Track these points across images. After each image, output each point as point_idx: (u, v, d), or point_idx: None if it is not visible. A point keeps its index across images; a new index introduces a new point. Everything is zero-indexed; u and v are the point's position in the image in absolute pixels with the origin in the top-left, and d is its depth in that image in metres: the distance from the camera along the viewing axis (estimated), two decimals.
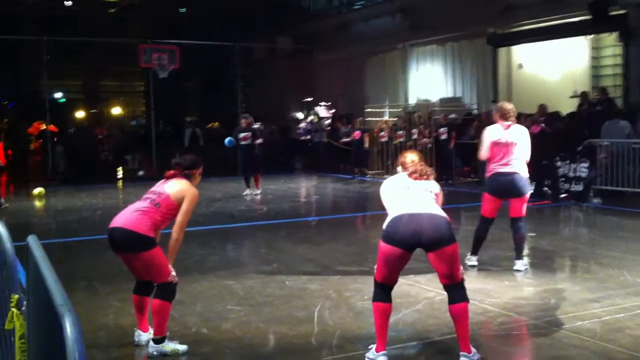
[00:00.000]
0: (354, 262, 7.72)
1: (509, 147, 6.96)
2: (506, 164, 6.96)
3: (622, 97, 15.88)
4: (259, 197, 14.44)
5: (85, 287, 6.73)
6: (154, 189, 5.02)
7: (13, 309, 3.20)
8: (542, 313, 5.62)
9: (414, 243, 4.36)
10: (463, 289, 4.47)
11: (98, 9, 28.73)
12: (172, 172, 5.09)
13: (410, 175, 4.72)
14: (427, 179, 4.71)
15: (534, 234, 9.07)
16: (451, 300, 4.46)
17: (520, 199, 7.03)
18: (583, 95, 15.15)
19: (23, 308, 3.20)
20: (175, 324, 5.38)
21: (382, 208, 4.77)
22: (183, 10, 29.49)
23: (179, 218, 4.87)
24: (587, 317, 5.38)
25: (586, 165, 12.59)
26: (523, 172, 7.02)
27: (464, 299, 4.45)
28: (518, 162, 7.00)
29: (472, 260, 7.35)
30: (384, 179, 6.26)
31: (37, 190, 15.05)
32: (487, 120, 16.17)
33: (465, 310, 4.43)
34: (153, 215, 4.78)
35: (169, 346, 4.81)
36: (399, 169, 4.94)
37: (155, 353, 4.78)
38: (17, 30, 27.53)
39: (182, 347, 4.86)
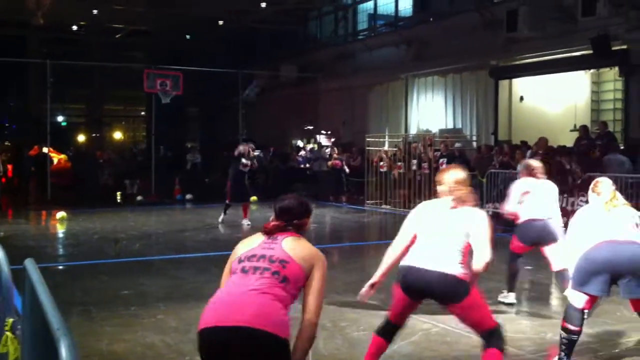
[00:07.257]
0: (351, 292, 7.66)
1: (539, 196, 6.93)
2: (538, 211, 6.87)
3: (621, 131, 15.95)
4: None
5: (81, 312, 6.70)
6: (261, 251, 3.47)
7: (7, 333, 3.20)
8: (539, 347, 5.61)
9: (423, 296, 4.36)
10: (493, 335, 4.23)
11: (104, 34, 28.92)
12: (277, 223, 3.57)
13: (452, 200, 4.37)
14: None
15: (530, 268, 9.03)
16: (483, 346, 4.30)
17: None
18: (583, 129, 15.18)
19: (17, 332, 3.20)
20: (171, 351, 5.36)
21: (380, 238, 4.76)
22: (188, 37, 29.70)
23: (316, 299, 3.41)
24: (583, 352, 5.36)
25: (585, 199, 12.55)
26: (557, 219, 6.95)
27: (492, 345, 4.21)
28: (551, 209, 6.93)
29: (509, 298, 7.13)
30: (382, 209, 6.24)
31: (60, 214, 14.76)
32: (487, 152, 16.22)
33: (493, 356, 4.20)
34: (286, 299, 3.33)
35: None
36: (441, 188, 4.50)
37: None
38: (23, 53, 27.71)
39: None
